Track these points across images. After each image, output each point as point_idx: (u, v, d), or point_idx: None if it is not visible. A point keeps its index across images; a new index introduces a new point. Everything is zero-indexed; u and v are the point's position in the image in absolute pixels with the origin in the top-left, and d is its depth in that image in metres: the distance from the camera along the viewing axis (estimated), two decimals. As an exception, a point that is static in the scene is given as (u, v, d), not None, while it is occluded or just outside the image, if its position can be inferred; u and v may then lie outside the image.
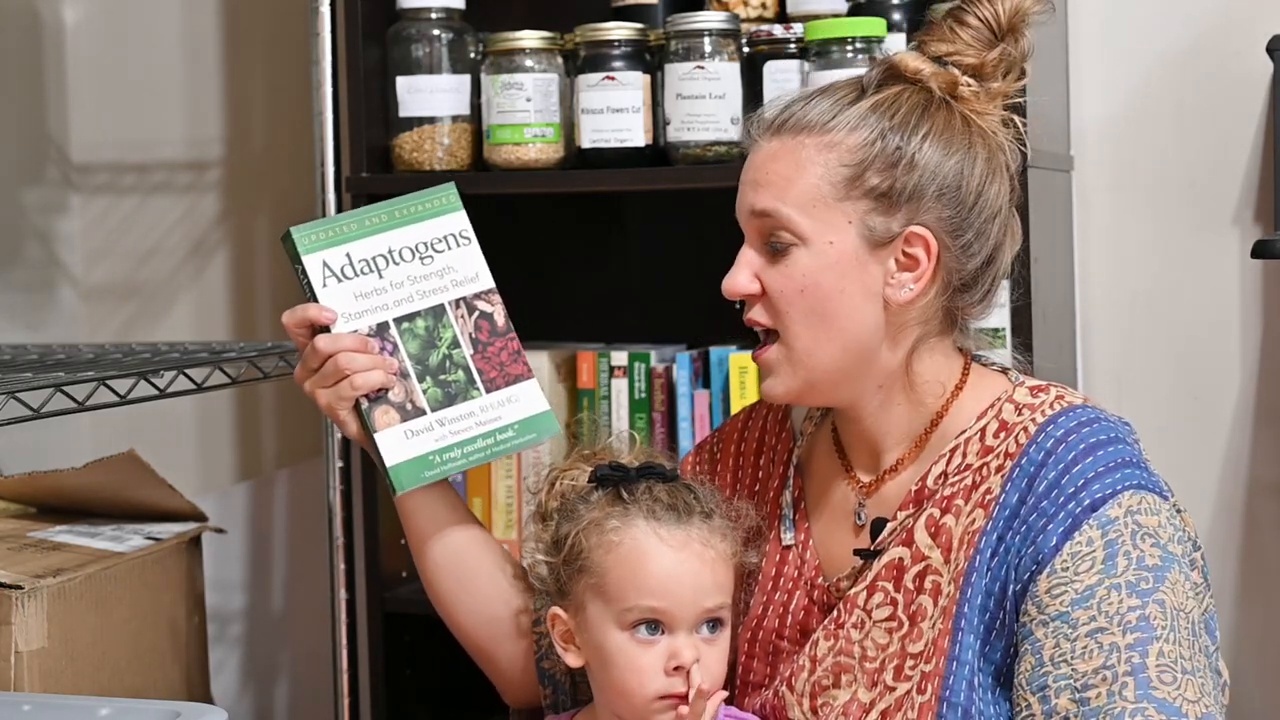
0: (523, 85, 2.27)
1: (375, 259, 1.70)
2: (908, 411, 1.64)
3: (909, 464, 1.65)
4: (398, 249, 1.71)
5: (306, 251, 1.70)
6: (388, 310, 1.70)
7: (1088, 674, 1.47)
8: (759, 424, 1.81)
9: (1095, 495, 1.52)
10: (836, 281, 1.58)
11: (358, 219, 1.71)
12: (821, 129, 1.59)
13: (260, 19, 2.81)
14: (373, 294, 1.70)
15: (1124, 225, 2.46)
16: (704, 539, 1.62)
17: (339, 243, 1.70)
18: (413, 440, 1.69)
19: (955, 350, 1.66)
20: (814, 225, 1.58)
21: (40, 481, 2.33)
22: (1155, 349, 2.45)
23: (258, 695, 2.86)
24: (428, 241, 1.72)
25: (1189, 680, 1.46)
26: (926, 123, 1.59)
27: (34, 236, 2.85)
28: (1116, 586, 1.49)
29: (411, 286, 1.71)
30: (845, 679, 1.61)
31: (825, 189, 1.58)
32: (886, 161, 1.57)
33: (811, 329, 1.59)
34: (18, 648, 2.02)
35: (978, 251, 1.61)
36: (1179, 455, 2.43)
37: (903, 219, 1.58)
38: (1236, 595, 2.43)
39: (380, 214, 1.72)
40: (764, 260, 1.61)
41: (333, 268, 1.70)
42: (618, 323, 2.53)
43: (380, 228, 1.71)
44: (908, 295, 1.59)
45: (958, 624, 1.55)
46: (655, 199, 2.53)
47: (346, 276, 1.70)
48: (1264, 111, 2.38)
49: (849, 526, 1.68)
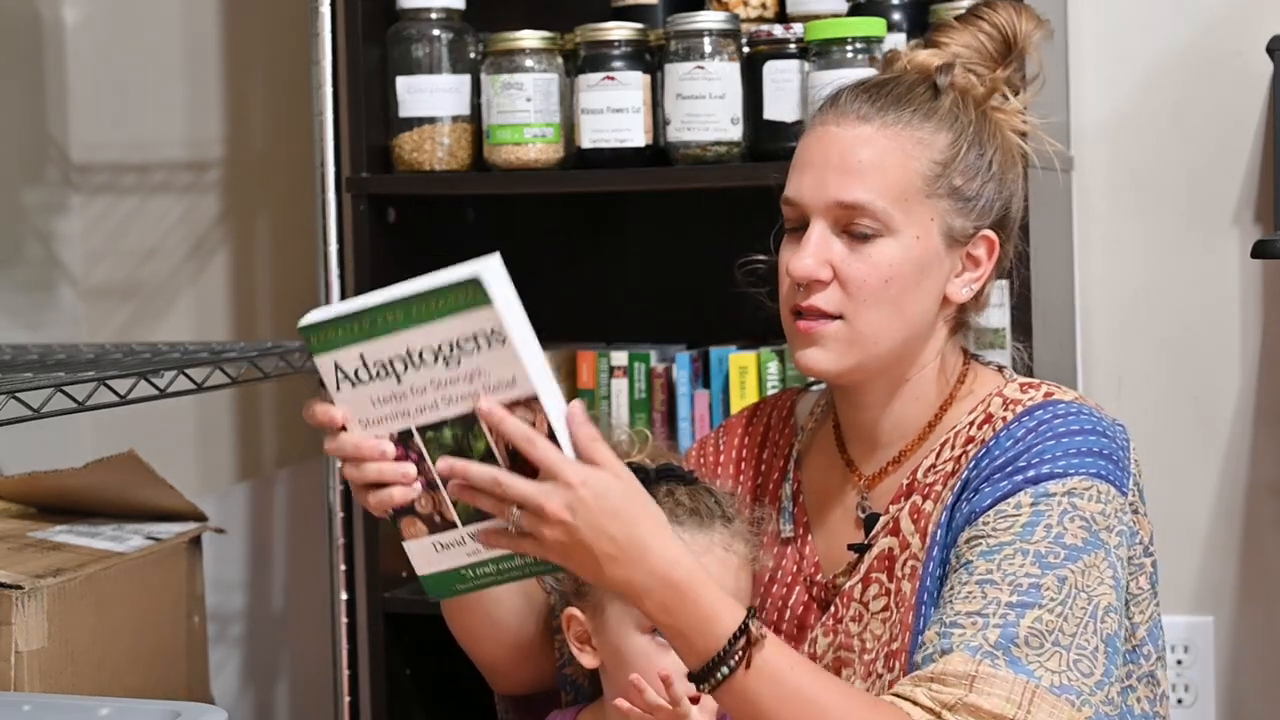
0: (523, 85, 2.27)
1: (392, 361, 1.45)
2: (922, 405, 1.66)
3: (908, 457, 1.66)
4: (418, 350, 1.44)
5: (317, 352, 1.47)
6: (409, 418, 1.46)
7: (960, 614, 1.49)
8: (764, 419, 1.82)
9: (1043, 471, 1.54)
10: (917, 275, 1.60)
11: (371, 317, 1.44)
12: (914, 124, 1.60)
13: (260, 19, 2.81)
14: (391, 400, 1.46)
15: (1124, 225, 2.46)
16: (726, 543, 1.62)
17: (351, 342, 1.46)
18: (443, 554, 1.49)
19: (959, 347, 1.69)
20: (904, 218, 1.59)
21: (40, 481, 2.33)
22: (1155, 349, 2.45)
23: (258, 695, 2.86)
24: (454, 341, 1.43)
25: (1058, 653, 1.47)
26: (993, 133, 1.64)
27: (34, 236, 2.85)
28: (1024, 551, 1.50)
29: (436, 393, 1.45)
30: (845, 673, 1.62)
31: (918, 184, 1.59)
32: (970, 166, 1.61)
33: (883, 316, 1.60)
34: (18, 648, 2.02)
35: (1009, 255, 1.68)
36: (1179, 455, 2.43)
37: (975, 221, 1.62)
38: (1236, 595, 2.43)
39: (398, 311, 1.43)
40: (841, 246, 1.60)
41: (346, 370, 1.46)
42: (618, 323, 2.53)
43: (398, 325, 1.44)
44: (968, 294, 1.64)
45: (920, 598, 1.57)
46: (655, 199, 2.53)
47: (361, 380, 1.46)
48: (1264, 111, 2.38)
49: (850, 521, 1.68)
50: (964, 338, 1.70)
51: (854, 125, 1.61)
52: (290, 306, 2.80)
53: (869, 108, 1.61)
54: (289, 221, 2.79)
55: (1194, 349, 2.43)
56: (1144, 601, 1.62)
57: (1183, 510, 2.43)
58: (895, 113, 1.60)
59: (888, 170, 1.59)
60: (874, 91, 1.63)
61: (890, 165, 1.59)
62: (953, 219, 1.61)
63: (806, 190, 1.61)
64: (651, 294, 2.54)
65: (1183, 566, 2.43)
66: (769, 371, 2.27)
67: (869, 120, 1.60)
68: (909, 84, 1.64)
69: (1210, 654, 2.43)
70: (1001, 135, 1.65)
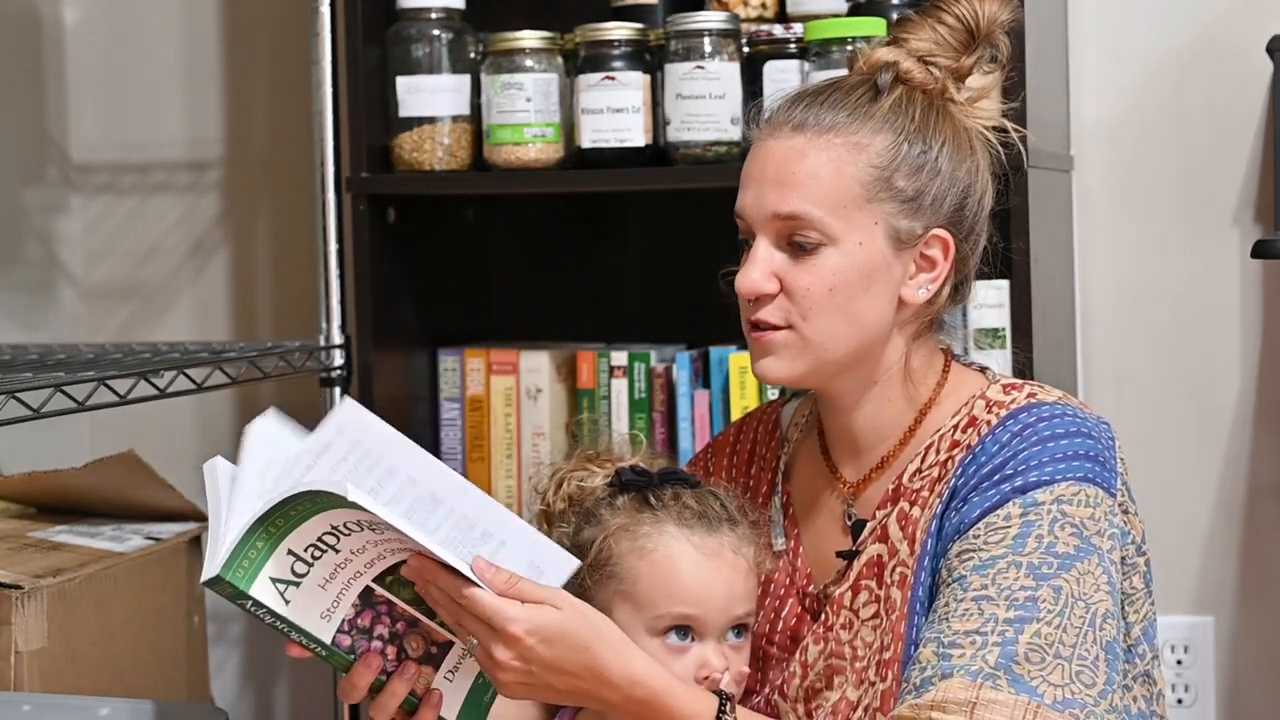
0: (523, 85, 2.27)
1: (322, 538, 1.44)
2: (896, 408, 1.65)
3: (891, 462, 1.65)
4: (340, 522, 1.43)
5: (248, 583, 1.43)
6: (362, 577, 1.47)
7: (959, 634, 1.48)
8: (750, 435, 1.81)
9: (1030, 480, 1.53)
10: (863, 281, 1.59)
11: (279, 516, 1.42)
12: (849, 129, 1.59)
13: (260, 19, 2.81)
14: (338, 571, 1.46)
15: (1124, 225, 2.46)
16: (735, 546, 1.62)
17: (273, 548, 1.43)
18: (456, 679, 1.52)
19: (937, 349, 1.68)
20: (845, 226, 1.58)
21: (40, 481, 2.33)
22: (1155, 349, 2.45)
23: (258, 695, 2.86)
24: (364, 518, 1.43)
25: (1060, 666, 1.46)
26: (941, 127, 1.61)
27: (34, 236, 2.84)
28: (1017, 564, 1.49)
29: (374, 549, 1.46)
30: (838, 680, 1.61)
31: (856, 190, 1.58)
32: (913, 165, 1.59)
33: (832, 324, 1.59)
34: (18, 648, 2.02)
35: (973, 252, 1.65)
36: (1179, 455, 2.43)
37: (925, 221, 1.60)
38: (1236, 595, 2.43)
39: (304, 503, 1.42)
40: (785, 258, 1.60)
41: (282, 577, 1.44)
42: (618, 323, 2.53)
43: (310, 512, 1.43)
44: (925, 296, 1.62)
45: (912, 607, 1.56)
46: (655, 199, 2.53)
47: (300, 574, 1.45)
48: (1264, 111, 2.38)
49: (838, 529, 1.68)
50: (946, 338, 1.68)
51: (789, 136, 1.60)
52: (290, 306, 2.81)
53: (802, 116, 1.60)
54: (289, 221, 2.79)
55: (1193, 349, 2.43)
56: (1139, 601, 1.61)
57: (1183, 510, 2.43)
58: (830, 119, 1.59)
59: (823, 179, 1.57)
60: (809, 99, 1.62)
61: (825, 174, 1.58)
62: (898, 221, 1.59)
63: (749, 205, 1.61)
64: (651, 294, 2.54)
65: (1183, 566, 2.43)
66: (769, 371, 2.27)
67: (803, 129, 1.59)
68: (849, 87, 1.62)
69: (1210, 654, 2.43)
70: (952, 128, 1.62)
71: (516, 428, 2.41)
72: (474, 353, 2.44)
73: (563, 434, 2.41)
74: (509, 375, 2.41)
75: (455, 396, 2.44)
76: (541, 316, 2.58)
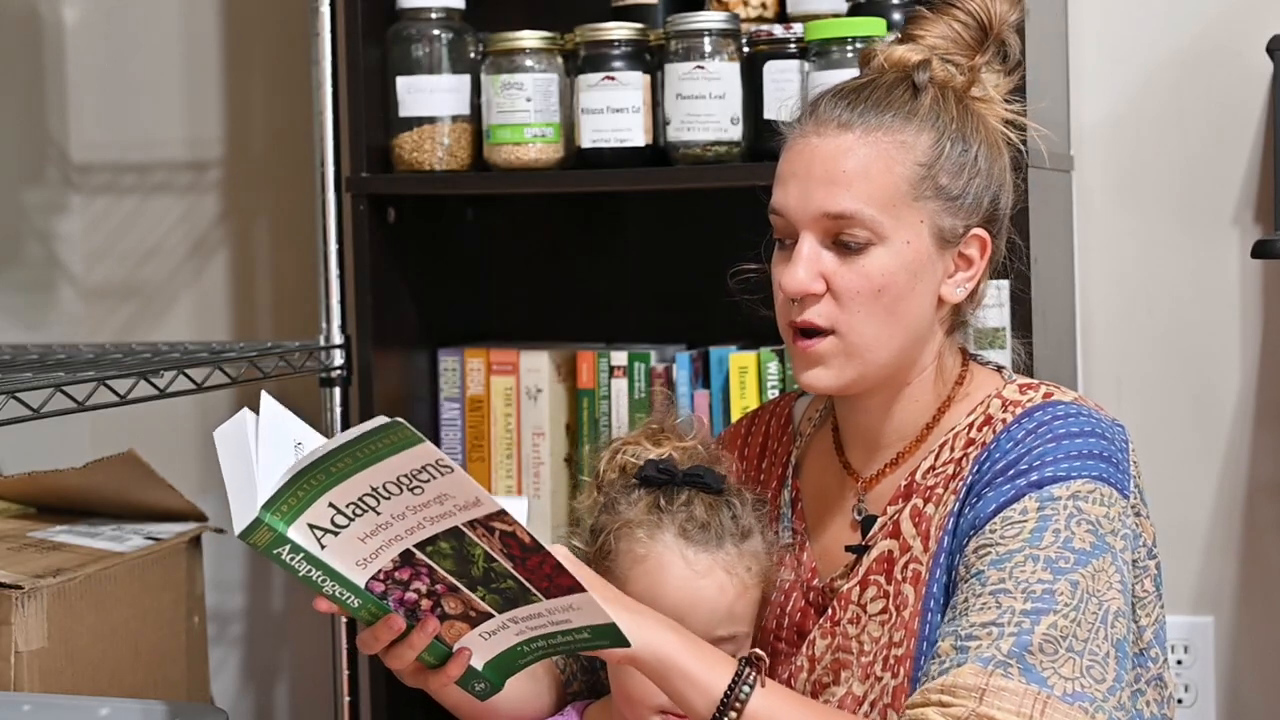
0: (523, 85, 2.27)
1: (363, 499, 1.45)
2: (921, 406, 1.66)
3: (905, 459, 1.66)
4: (380, 484, 1.44)
5: (286, 526, 1.45)
6: (402, 540, 1.47)
7: (976, 625, 1.48)
8: (762, 428, 1.81)
9: (1046, 475, 1.53)
10: (910, 280, 1.59)
11: (317, 471, 1.43)
12: (894, 127, 1.59)
13: (260, 19, 2.81)
14: (378, 531, 1.47)
15: (1124, 225, 2.46)
16: (729, 565, 1.61)
17: (314, 499, 1.45)
18: (492, 640, 1.52)
19: (957, 347, 1.69)
20: (895, 224, 1.58)
21: (40, 481, 2.33)
22: (1155, 349, 2.45)
23: (258, 695, 2.86)
24: (408, 474, 1.43)
25: (1072, 659, 1.47)
26: (976, 126, 1.62)
27: (34, 236, 2.85)
28: (1034, 558, 1.50)
29: (415, 516, 1.46)
30: (844, 675, 1.62)
31: (905, 188, 1.58)
32: (955, 164, 1.60)
33: (877, 326, 1.59)
34: (18, 648, 2.02)
35: (1001, 250, 1.67)
36: (1179, 455, 2.43)
37: (965, 220, 1.61)
38: (1236, 595, 2.43)
39: (342, 459, 1.43)
40: (832, 257, 1.59)
41: (321, 525, 1.46)
42: (618, 323, 2.53)
43: (349, 471, 1.43)
44: (962, 294, 1.63)
45: (926, 604, 1.57)
46: (655, 199, 2.53)
47: (340, 525, 1.46)
48: (1264, 111, 2.38)
49: (846, 525, 1.68)
50: (963, 337, 1.69)
51: (835, 134, 1.59)
52: (290, 306, 2.81)
53: (849, 114, 1.59)
54: (289, 221, 2.79)
55: (1194, 349, 2.43)
56: (1150, 604, 1.61)
57: (1183, 511, 2.43)
58: (876, 117, 1.59)
59: (873, 177, 1.57)
60: (852, 97, 1.61)
61: (875, 172, 1.57)
62: (942, 219, 1.59)
63: (793, 203, 1.60)
64: (651, 294, 2.54)
65: (1183, 567, 2.43)
66: (769, 372, 2.27)
67: (850, 128, 1.59)
68: (887, 85, 1.62)
69: (1210, 654, 2.43)
70: (985, 127, 1.64)
71: (516, 428, 2.41)
72: (474, 353, 2.44)
73: (563, 434, 2.42)
74: (509, 375, 2.41)
75: (455, 396, 2.44)
76: (541, 316, 2.58)
